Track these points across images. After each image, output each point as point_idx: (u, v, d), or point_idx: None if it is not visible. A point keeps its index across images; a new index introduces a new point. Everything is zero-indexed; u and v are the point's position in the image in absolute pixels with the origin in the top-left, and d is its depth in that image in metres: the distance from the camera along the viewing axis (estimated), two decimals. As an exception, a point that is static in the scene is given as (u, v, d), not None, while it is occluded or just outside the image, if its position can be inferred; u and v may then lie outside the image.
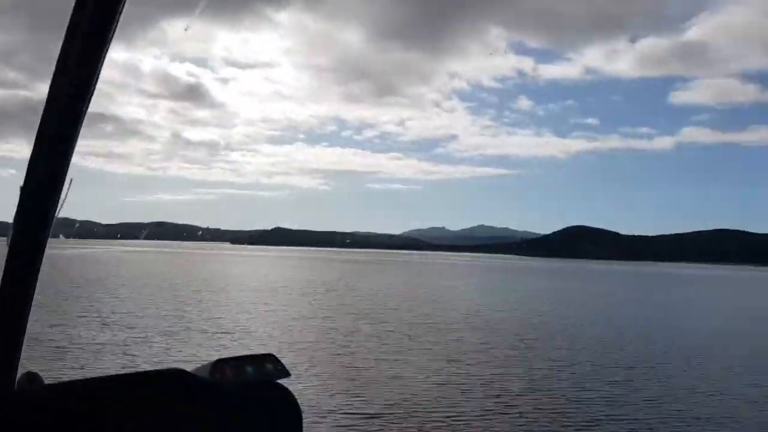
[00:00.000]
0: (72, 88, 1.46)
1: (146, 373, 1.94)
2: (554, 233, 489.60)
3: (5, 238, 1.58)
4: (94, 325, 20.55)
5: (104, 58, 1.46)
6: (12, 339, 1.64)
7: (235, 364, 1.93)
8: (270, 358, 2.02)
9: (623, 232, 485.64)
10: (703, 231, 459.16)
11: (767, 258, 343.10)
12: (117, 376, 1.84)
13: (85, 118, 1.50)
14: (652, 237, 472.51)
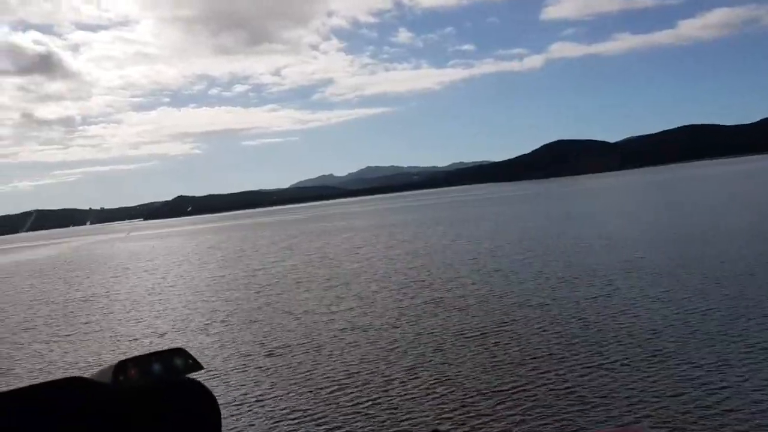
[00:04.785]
0: None
1: (39, 386, 1.72)
2: (534, 152, 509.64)
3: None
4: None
5: None
6: None
7: (140, 364, 1.80)
8: (179, 352, 1.89)
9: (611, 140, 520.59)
10: (671, 129, 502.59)
11: (741, 149, 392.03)
12: (6, 392, 1.65)
13: None
14: (617, 143, 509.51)
